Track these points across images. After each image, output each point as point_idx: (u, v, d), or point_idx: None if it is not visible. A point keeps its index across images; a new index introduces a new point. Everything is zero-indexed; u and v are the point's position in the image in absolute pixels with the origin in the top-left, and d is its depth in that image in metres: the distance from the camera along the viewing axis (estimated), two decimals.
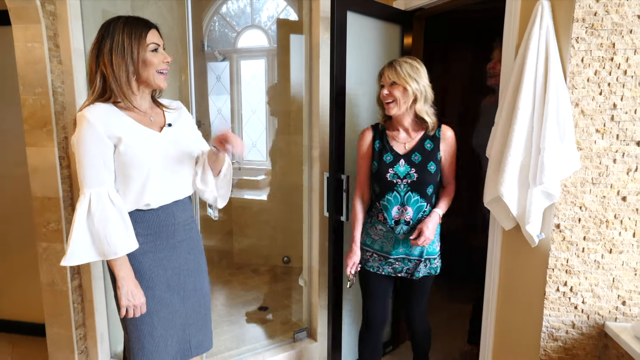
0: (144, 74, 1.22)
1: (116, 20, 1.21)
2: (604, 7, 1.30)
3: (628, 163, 1.37)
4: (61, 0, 1.64)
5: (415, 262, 1.62)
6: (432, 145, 1.58)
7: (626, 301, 1.44)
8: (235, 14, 4.06)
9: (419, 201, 1.57)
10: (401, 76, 1.50)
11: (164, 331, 1.31)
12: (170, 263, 1.32)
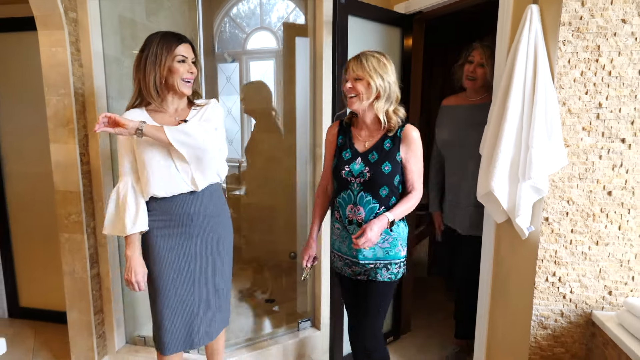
0: (170, 80, 1.40)
1: (155, 35, 1.41)
2: (589, 11, 1.37)
3: (613, 159, 1.44)
4: (82, 8, 1.77)
5: (372, 265, 1.51)
6: (391, 145, 1.47)
7: (612, 291, 1.51)
8: (246, 14, 4.15)
9: (371, 202, 1.46)
10: (366, 70, 1.40)
11: (172, 315, 1.46)
12: (184, 251, 1.46)
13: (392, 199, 1.49)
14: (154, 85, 1.38)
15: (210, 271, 1.53)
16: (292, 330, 2.26)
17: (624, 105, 1.40)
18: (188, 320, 1.50)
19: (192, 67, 1.44)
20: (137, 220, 1.40)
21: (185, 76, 1.42)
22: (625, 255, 1.48)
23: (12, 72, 2.39)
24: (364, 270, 1.53)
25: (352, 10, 1.81)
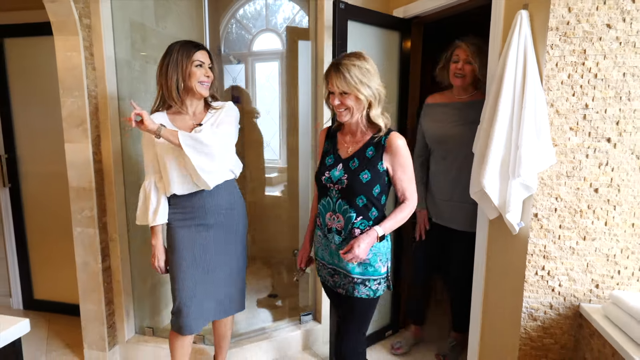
0: (189, 83, 1.54)
1: (176, 43, 1.55)
2: (576, 17, 1.44)
3: (599, 158, 1.50)
4: (95, 15, 1.87)
5: (351, 279, 1.45)
6: (373, 153, 1.40)
7: (599, 284, 1.57)
8: (252, 15, 4.23)
9: (348, 211, 1.41)
10: (352, 85, 1.33)
11: (186, 297, 1.62)
12: (200, 240, 1.63)
13: (372, 210, 1.42)
14: (175, 88, 1.53)
15: (223, 258, 1.67)
16: (294, 322, 2.35)
17: (609, 106, 1.47)
18: (201, 304, 1.64)
19: (209, 71, 1.58)
20: (158, 215, 1.59)
21: (202, 79, 1.56)
22: (612, 250, 1.54)
23: (26, 76, 2.50)
24: (343, 283, 1.47)
25: (351, 16, 1.89)
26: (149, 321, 2.29)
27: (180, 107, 1.58)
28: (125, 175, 2.09)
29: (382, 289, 1.48)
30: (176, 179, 1.55)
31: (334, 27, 1.84)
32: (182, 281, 1.60)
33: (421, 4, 2.02)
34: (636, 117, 1.46)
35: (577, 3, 1.43)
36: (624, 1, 1.40)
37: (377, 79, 1.38)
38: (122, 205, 2.08)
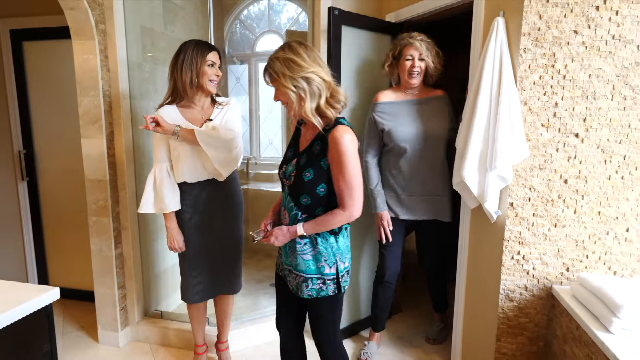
0: (200, 80, 1.70)
1: (190, 42, 1.72)
2: (546, 23, 1.58)
3: (568, 152, 1.65)
4: (110, 21, 2.04)
5: (295, 275, 1.39)
6: (319, 150, 1.29)
7: (569, 268, 1.72)
8: (256, 16, 4.37)
9: (293, 209, 1.35)
10: (274, 79, 1.25)
11: (194, 271, 1.82)
12: (205, 224, 1.81)
13: (318, 209, 1.33)
14: (189, 83, 1.69)
15: (225, 240, 1.86)
16: None
17: (577, 105, 1.61)
18: (208, 277, 1.84)
19: (218, 71, 1.75)
20: (173, 200, 1.73)
21: (213, 78, 1.73)
22: (580, 236, 1.69)
23: (42, 77, 2.67)
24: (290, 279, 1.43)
25: (345, 21, 2.04)
26: (157, 305, 2.46)
27: (190, 101, 1.75)
28: (137, 169, 2.25)
29: (329, 289, 1.37)
30: (188, 168, 1.72)
31: (328, 32, 1.99)
32: (189, 260, 1.79)
33: (412, 9, 2.17)
34: (601, 114, 1.60)
35: (547, 11, 1.57)
36: (589, 9, 1.54)
37: (309, 66, 1.22)
38: (134, 196, 2.25)
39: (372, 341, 2.23)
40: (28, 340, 1.13)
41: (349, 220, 1.31)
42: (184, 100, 1.74)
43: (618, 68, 1.56)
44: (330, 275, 1.36)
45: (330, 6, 1.99)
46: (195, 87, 1.72)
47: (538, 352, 1.78)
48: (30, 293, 1.15)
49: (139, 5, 2.21)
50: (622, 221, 1.65)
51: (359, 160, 1.28)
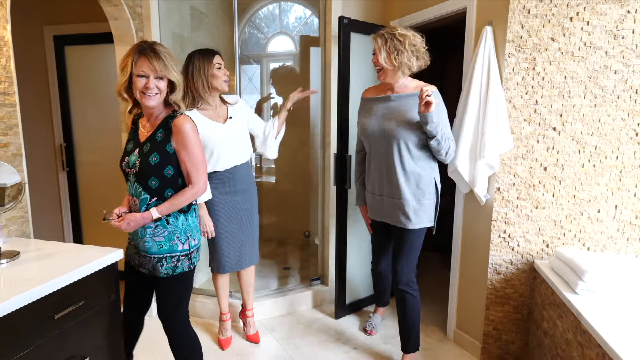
0: (213, 82, 1.97)
1: (194, 53, 1.97)
2: (527, 32, 1.83)
3: (547, 143, 1.90)
4: (147, 29, 2.32)
5: (149, 259, 1.49)
6: (163, 136, 1.43)
7: (549, 244, 1.97)
8: (266, 16, 4.62)
9: (142, 193, 1.45)
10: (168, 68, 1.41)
11: (227, 245, 2.10)
12: (232, 204, 2.10)
13: (167, 190, 1.46)
14: (202, 87, 1.95)
15: (249, 216, 2.15)
16: (305, 286, 2.78)
17: (554, 102, 1.86)
18: (238, 249, 2.13)
19: (226, 71, 2.01)
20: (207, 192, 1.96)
21: (224, 78, 2.00)
22: (558, 217, 1.94)
23: (81, 77, 2.97)
24: (144, 263, 1.51)
25: (354, 28, 2.31)
26: None
27: (207, 104, 2.00)
28: None
29: (183, 266, 1.50)
30: (222, 158, 2.01)
31: (339, 39, 2.26)
32: (219, 234, 2.07)
33: (414, 17, 2.42)
34: (575, 110, 1.85)
35: (528, 21, 1.82)
36: (564, 20, 1.79)
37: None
38: None
39: (377, 314, 2.49)
40: (99, 290, 1.41)
41: (196, 195, 1.49)
42: (199, 103, 1.99)
43: (589, 71, 1.81)
44: (184, 251, 1.50)
45: (341, 15, 2.25)
46: (209, 89, 1.97)
47: (522, 318, 2.04)
48: (99, 253, 1.44)
49: (171, 14, 2.50)
50: (594, 203, 1.90)
51: (200, 143, 1.49)
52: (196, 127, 1.48)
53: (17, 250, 1.44)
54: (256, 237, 2.23)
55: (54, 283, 1.20)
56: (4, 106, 1.59)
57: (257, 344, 2.30)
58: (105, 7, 2.20)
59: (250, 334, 2.33)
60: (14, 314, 1.09)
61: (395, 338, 2.24)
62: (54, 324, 1.22)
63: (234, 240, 2.11)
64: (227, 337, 2.29)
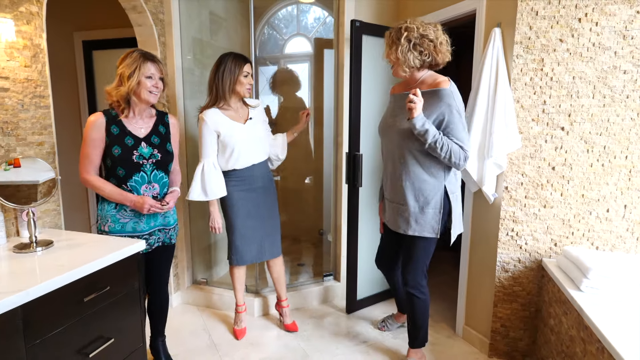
0: (237, 88, 2.09)
1: (228, 55, 2.08)
2: (535, 33, 1.86)
3: (555, 143, 1.92)
4: (169, 34, 2.45)
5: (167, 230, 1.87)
6: (165, 130, 1.82)
7: (557, 243, 1.99)
8: (284, 16, 4.71)
9: (163, 177, 1.79)
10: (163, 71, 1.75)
11: (245, 239, 2.21)
12: (251, 200, 2.21)
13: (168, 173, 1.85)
14: (227, 89, 2.07)
15: (269, 211, 2.26)
16: (317, 281, 2.86)
17: (563, 102, 1.88)
18: (258, 243, 2.25)
19: (251, 79, 2.13)
20: (220, 189, 2.11)
21: (248, 86, 2.11)
22: (566, 216, 1.95)
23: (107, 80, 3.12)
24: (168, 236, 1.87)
25: (365, 31, 2.37)
26: (203, 274, 2.87)
27: (228, 105, 2.11)
28: (187, 158, 2.67)
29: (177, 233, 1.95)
30: (242, 157, 2.12)
31: (350, 41, 2.33)
32: (238, 229, 2.18)
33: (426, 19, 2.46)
34: (584, 110, 1.86)
35: (536, 23, 1.85)
36: (572, 21, 1.81)
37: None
38: (185, 181, 2.66)
39: (395, 320, 2.43)
40: (123, 277, 1.52)
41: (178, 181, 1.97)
42: (222, 103, 2.10)
43: (598, 71, 1.82)
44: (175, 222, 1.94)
45: (353, 19, 2.32)
46: (232, 92, 2.09)
47: (530, 316, 2.06)
48: (124, 243, 1.55)
49: (191, 20, 2.62)
50: (603, 203, 1.91)
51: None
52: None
53: (50, 239, 1.57)
54: (278, 232, 2.35)
55: (83, 269, 1.32)
56: (40, 108, 1.73)
57: (295, 332, 2.42)
58: (130, 14, 2.33)
59: (288, 323, 2.45)
60: (49, 295, 1.21)
61: (405, 333, 2.29)
62: (82, 307, 1.33)
63: (253, 234, 2.23)
64: (242, 327, 2.40)
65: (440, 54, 1.75)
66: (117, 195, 1.69)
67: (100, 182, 1.70)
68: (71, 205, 3.13)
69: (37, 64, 1.70)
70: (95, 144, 1.67)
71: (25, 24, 1.65)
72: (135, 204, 1.69)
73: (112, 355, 1.47)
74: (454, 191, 1.84)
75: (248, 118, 2.16)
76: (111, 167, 1.70)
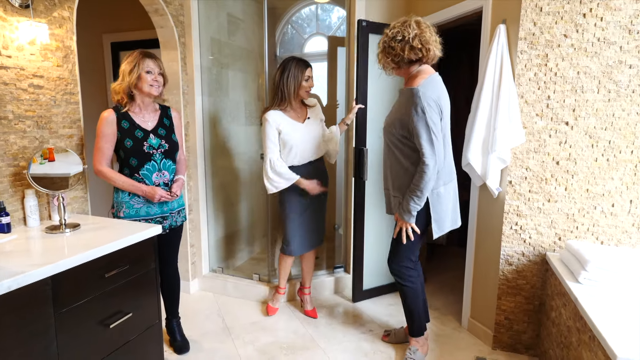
0: (299, 91, 2.24)
1: (291, 60, 2.24)
2: (540, 29, 1.88)
3: (559, 137, 1.93)
4: (189, 35, 2.60)
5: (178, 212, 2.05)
6: (169, 122, 1.98)
7: (561, 237, 2.00)
8: (307, 16, 4.80)
9: (171, 165, 1.97)
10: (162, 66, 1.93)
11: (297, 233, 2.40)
12: (307, 192, 2.33)
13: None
14: (292, 93, 2.23)
15: (319, 205, 2.43)
16: (329, 272, 2.95)
17: (567, 97, 1.89)
18: (308, 235, 2.43)
19: (312, 83, 2.29)
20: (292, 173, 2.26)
21: (307, 89, 2.28)
22: (571, 210, 1.96)
23: None
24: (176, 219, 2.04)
25: (372, 30, 2.44)
26: (220, 263, 3.02)
27: (290, 106, 2.28)
28: (206, 153, 2.81)
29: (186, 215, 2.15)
30: (300, 154, 2.27)
31: (357, 40, 2.40)
32: (292, 223, 2.37)
33: (435, 16, 2.50)
34: (588, 105, 1.87)
35: (540, 19, 1.87)
36: (577, 17, 1.83)
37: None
38: (202, 174, 2.81)
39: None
40: (141, 257, 1.66)
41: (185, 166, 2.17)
42: (284, 105, 2.26)
43: (603, 66, 1.83)
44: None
45: (359, 19, 2.40)
46: (296, 95, 2.25)
47: (534, 309, 2.08)
48: (142, 227, 1.69)
49: (209, 22, 2.77)
50: (608, 197, 1.91)
51: None
52: None
53: (78, 222, 1.73)
54: (323, 224, 2.51)
55: (105, 248, 1.46)
56: (70, 104, 1.90)
57: (315, 318, 2.55)
58: (153, 17, 2.49)
59: (308, 309, 2.59)
60: (75, 269, 1.35)
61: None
62: (104, 282, 1.48)
63: (305, 228, 2.41)
64: (276, 307, 2.62)
65: (412, 51, 1.75)
66: (130, 186, 1.85)
67: (113, 174, 1.85)
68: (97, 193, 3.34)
69: (68, 64, 1.87)
70: (107, 138, 1.82)
71: (58, 28, 1.82)
72: (146, 193, 1.86)
73: (130, 329, 1.61)
74: (435, 187, 1.85)
75: (306, 117, 2.32)
76: (125, 159, 1.86)
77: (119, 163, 1.91)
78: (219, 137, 2.97)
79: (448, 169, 1.91)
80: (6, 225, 1.60)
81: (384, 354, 2.17)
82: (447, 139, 1.88)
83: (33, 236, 1.60)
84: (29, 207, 1.70)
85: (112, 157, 1.88)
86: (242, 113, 3.18)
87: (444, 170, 1.86)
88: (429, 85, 1.75)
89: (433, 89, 1.75)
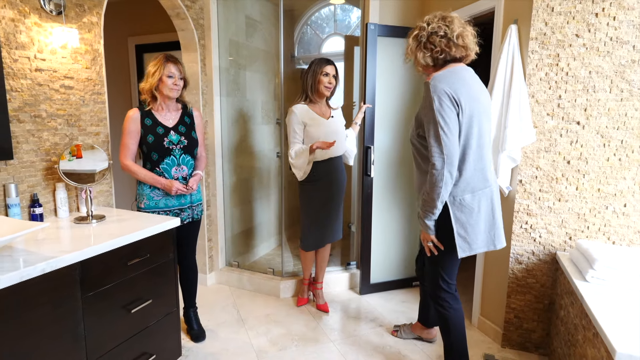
0: (318, 87, 2.35)
1: (317, 58, 2.36)
2: (551, 29, 1.89)
3: (570, 137, 1.94)
4: (208, 38, 2.71)
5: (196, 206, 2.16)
6: (189, 120, 2.09)
7: (572, 237, 2.00)
8: (326, 16, 4.86)
9: (190, 160, 2.08)
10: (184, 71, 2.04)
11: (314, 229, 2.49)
12: (326, 192, 2.45)
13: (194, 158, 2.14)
14: (310, 88, 2.35)
15: (337, 201, 2.51)
16: (342, 269, 3.01)
17: (579, 97, 1.90)
18: (325, 231, 2.51)
19: (332, 79, 2.37)
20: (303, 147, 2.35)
21: (327, 85, 2.36)
22: (582, 210, 1.96)
23: None
24: (196, 211, 2.16)
25: (380, 33, 2.49)
26: (236, 257, 3.12)
27: (314, 102, 2.39)
28: (223, 151, 2.92)
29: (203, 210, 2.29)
30: (319, 152, 2.35)
31: (365, 43, 2.46)
32: (310, 219, 2.47)
33: None
34: (600, 105, 1.87)
35: (552, 19, 1.88)
36: (589, 16, 1.83)
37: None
38: (220, 172, 2.92)
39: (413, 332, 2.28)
40: (161, 248, 1.77)
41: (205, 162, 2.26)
42: (309, 100, 2.39)
43: (615, 65, 1.82)
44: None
45: (368, 22, 2.45)
46: (316, 91, 2.35)
47: (544, 308, 2.09)
48: (162, 219, 1.80)
49: (228, 24, 2.87)
50: (620, 197, 1.90)
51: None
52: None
53: (103, 214, 1.85)
54: (340, 219, 2.59)
55: (128, 237, 1.57)
56: (97, 103, 2.02)
57: (326, 312, 2.62)
58: (174, 21, 2.61)
59: (320, 304, 2.67)
60: (100, 256, 1.46)
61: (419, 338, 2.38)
62: (127, 269, 1.59)
63: (322, 224, 2.49)
64: (305, 297, 2.74)
65: (456, 48, 1.57)
66: (150, 179, 1.98)
67: (136, 167, 1.98)
68: (121, 188, 3.50)
69: (96, 66, 2.00)
70: (132, 135, 1.95)
71: (87, 32, 1.94)
72: (164, 186, 1.98)
73: (150, 315, 1.72)
74: (456, 194, 1.59)
75: (330, 115, 2.42)
76: (147, 153, 1.99)
77: (142, 158, 2.03)
78: (236, 136, 3.07)
79: (480, 176, 1.60)
80: (39, 216, 1.73)
81: (392, 348, 2.22)
82: (479, 140, 1.58)
83: (63, 226, 1.72)
84: (60, 199, 1.82)
85: (136, 152, 2.00)
86: (258, 112, 3.28)
87: (474, 176, 1.59)
88: (443, 77, 1.53)
89: (449, 80, 1.52)
